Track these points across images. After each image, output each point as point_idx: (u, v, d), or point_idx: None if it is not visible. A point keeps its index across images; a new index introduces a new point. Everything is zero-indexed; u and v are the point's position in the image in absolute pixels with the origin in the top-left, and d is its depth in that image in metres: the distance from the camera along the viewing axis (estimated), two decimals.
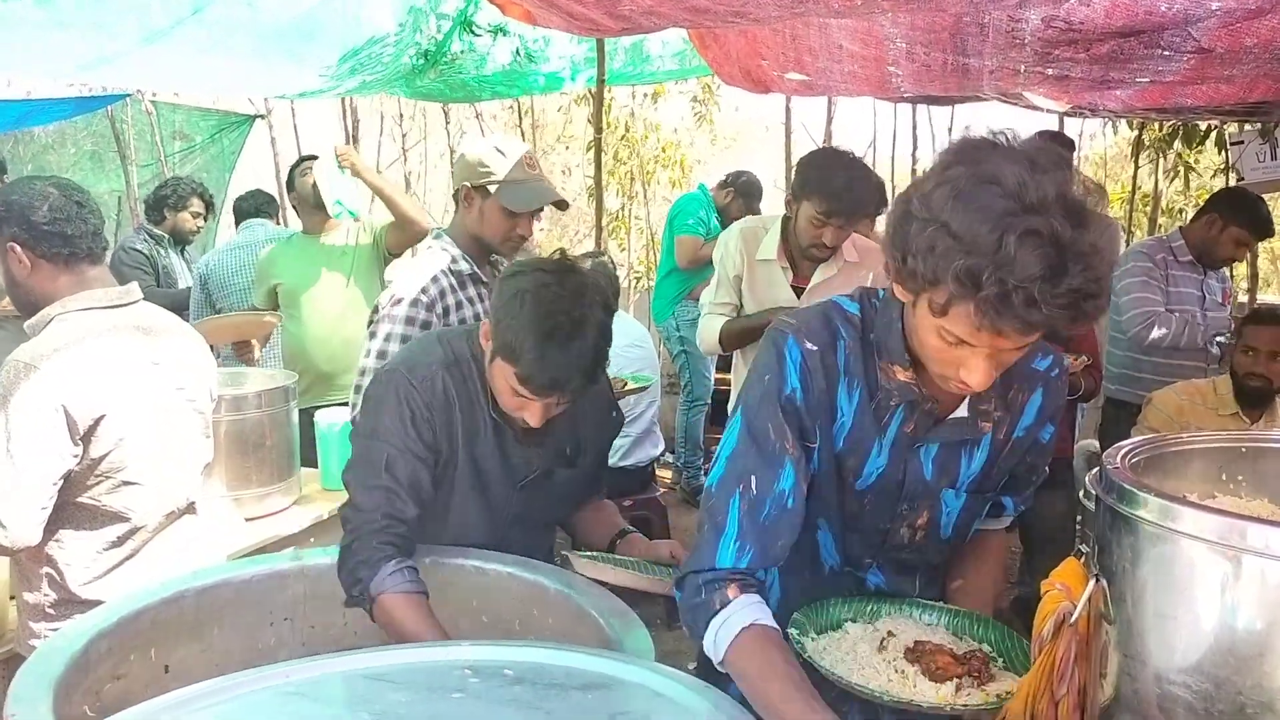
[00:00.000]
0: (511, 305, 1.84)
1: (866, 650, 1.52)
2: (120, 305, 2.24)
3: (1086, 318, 1.26)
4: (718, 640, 1.44)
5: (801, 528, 1.57)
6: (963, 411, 1.57)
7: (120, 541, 2.23)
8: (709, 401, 6.13)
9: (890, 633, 1.56)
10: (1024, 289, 1.20)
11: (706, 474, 2.57)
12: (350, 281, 4.22)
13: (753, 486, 1.50)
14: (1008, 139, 1.32)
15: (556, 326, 1.81)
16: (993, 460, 1.63)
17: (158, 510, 2.27)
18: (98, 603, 1.96)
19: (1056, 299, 1.21)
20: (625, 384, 4.06)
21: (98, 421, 2.10)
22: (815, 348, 1.54)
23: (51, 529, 2.13)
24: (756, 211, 5.83)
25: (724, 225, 4.51)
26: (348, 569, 1.82)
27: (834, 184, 3.07)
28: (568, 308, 1.83)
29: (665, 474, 6.33)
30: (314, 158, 4.37)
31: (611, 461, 4.46)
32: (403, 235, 4.22)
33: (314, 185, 4.15)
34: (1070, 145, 4.48)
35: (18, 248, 2.16)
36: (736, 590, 1.47)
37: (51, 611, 2.18)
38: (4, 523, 2.01)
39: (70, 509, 2.15)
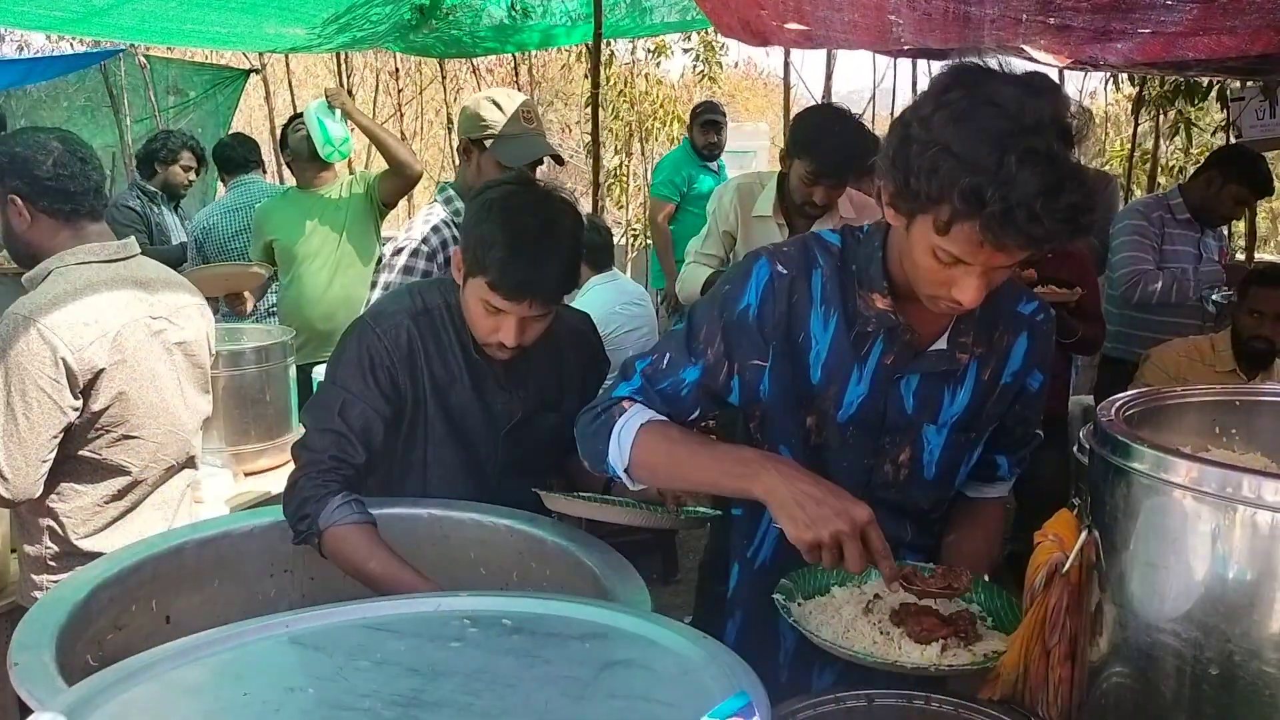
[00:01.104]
0: (479, 216, 1.87)
1: (852, 613, 1.52)
2: (118, 259, 2.24)
3: (1083, 232, 1.31)
4: (621, 445, 1.56)
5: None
6: (942, 344, 1.59)
7: (120, 494, 2.25)
8: None
9: (877, 595, 1.56)
10: (1026, 205, 1.25)
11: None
12: (344, 237, 4.21)
13: (663, 361, 1.63)
14: (1001, 64, 1.36)
15: (524, 229, 1.83)
16: (978, 400, 1.64)
17: (157, 464, 2.28)
18: (98, 555, 1.97)
19: (1056, 213, 1.26)
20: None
21: (97, 375, 2.10)
22: (785, 272, 1.59)
23: (52, 482, 2.14)
24: None
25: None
26: (294, 505, 1.84)
27: (823, 145, 3.08)
28: (535, 211, 1.86)
29: None
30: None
31: None
32: (396, 181, 4.20)
33: (307, 137, 4.12)
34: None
35: (19, 200, 2.16)
36: (630, 403, 1.61)
37: (53, 564, 2.21)
38: (5, 475, 2.03)
39: (71, 462, 2.16)
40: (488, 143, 2.64)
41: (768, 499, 1.44)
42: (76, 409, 2.10)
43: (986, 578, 1.64)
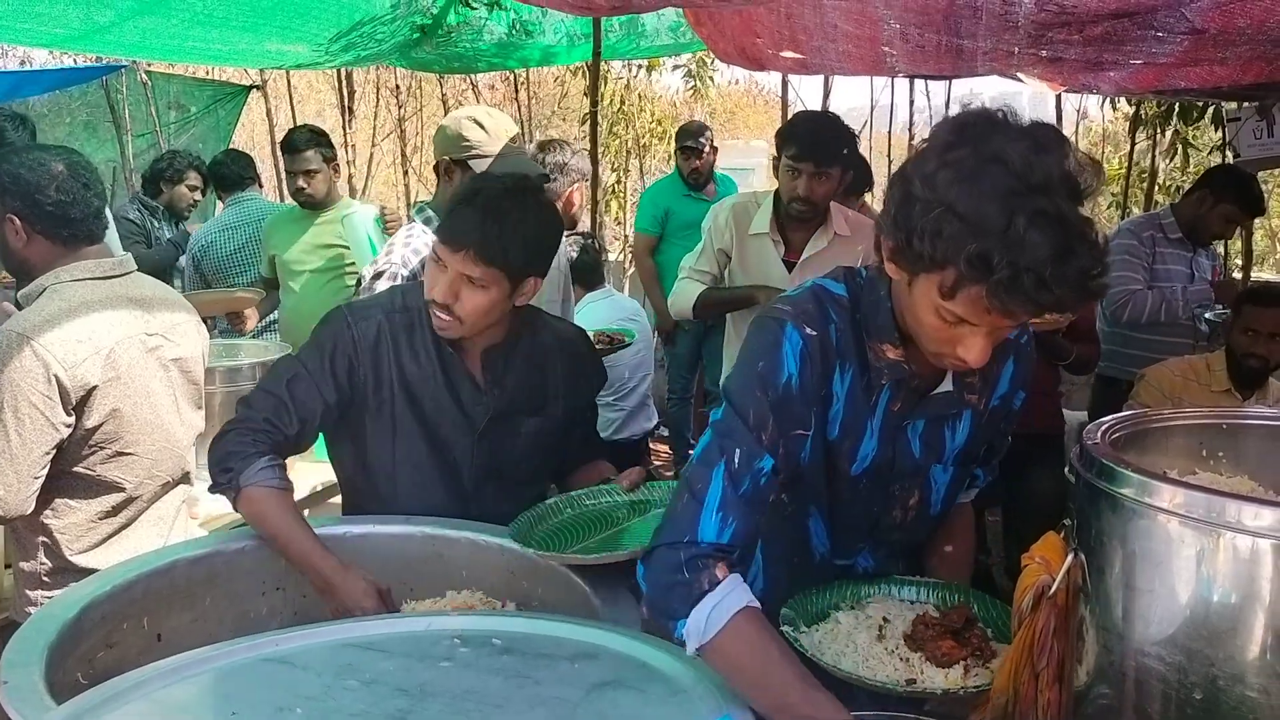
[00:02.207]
0: (454, 200, 1.98)
1: (865, 640, 1.51)
2: (114, 276, 2.25)
3: (1093, 296, 1.27)
4: (708, 623, 1.33)
5: (794, 517, 1.60)
6: (947, 385, 1.57)
7: (115, 511, 2.25)
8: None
9: (885, 619, 1.55)
10: (1034, 271, 1.20)
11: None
12: (341, 255, 4.23)
13: (735, 460, 1.44)
14: (1006, 115, 1.31)
15: (483, 190, 1.94)
16: (977, 432, 1.64)
17: (152, 480, 2.29)
18: (93, 571, 1.98)
19: (1066, 279, 1.21)
20: (607, 338, 3.81)
21: (90, 392, 2.11)
22: (814, 333, 1.51)
23: (47, 498, 2.15)
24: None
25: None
26: (219, 455, 1.91)
27: (798, 129, 3.20)
28: (503, 183, 1.98)
29: (661, 447, 6.34)
30: (311, 128, 4.37)
31: (605, 435, 4.47)
32: None
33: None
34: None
35: (17, 220, 2.16)
36: (725, 570, 1.37)
37: (48, 580, 2.21)
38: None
39: (66, 479, 2.16)
40: (472, 162, 2.67)
41: None
42: (69, 425, 2.10)
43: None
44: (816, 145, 3.12)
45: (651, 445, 5.68)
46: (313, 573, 1.82)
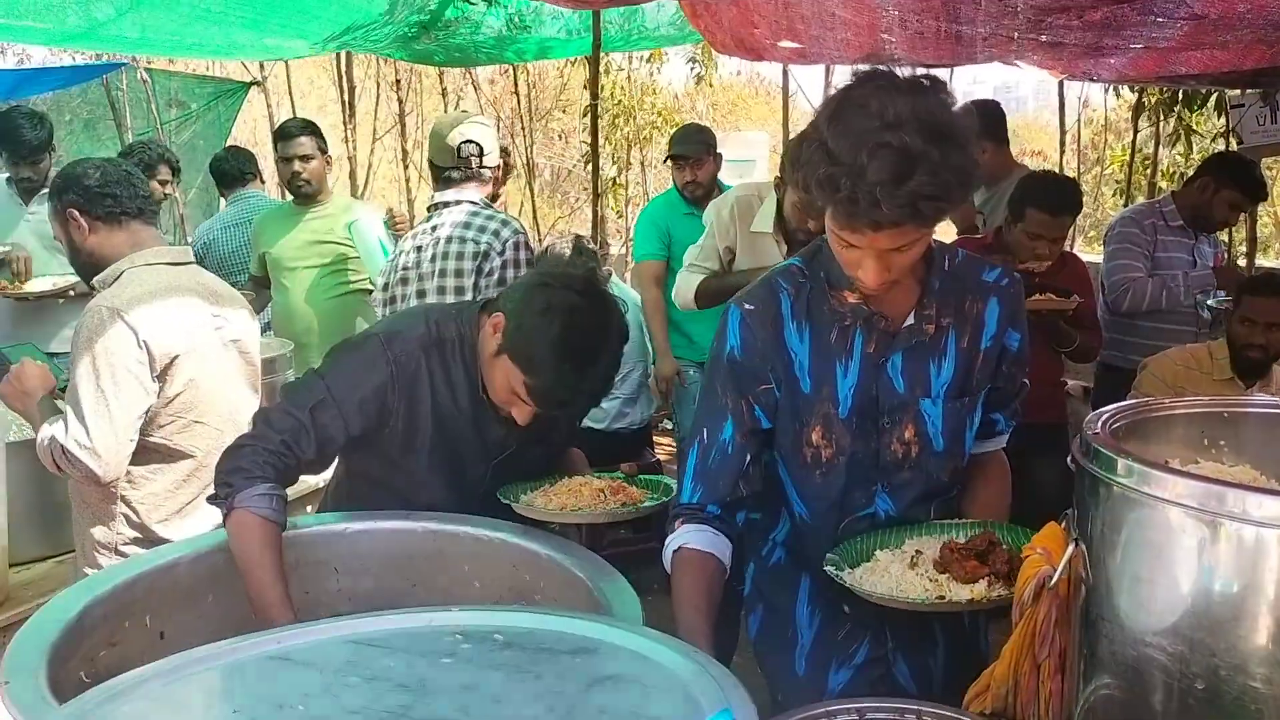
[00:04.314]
0: (537, 319, 1.87)
1: (899, 569, 1.62)
2: (180, 264, 2.48)
3: (927, 217, 1.46)
4: (668, 563, 1.72)
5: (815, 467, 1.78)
6: (910, 320, 1.72)
7: (187, 480, 2.43)
8: None
9: (918, 551, 1.66)
10: (869, 192, 1.41)
11: None
12: (330, 251, 4.23)
13: (704, 436, 1.77)
14: (888, 70, 1.52)
15: (578, 350, 1.87)
16: (964, 367, 1.75)
17: (218, 451, 2.35)
18: (168, 541, 2.25)
19: (896, 199, 1.41)
20: None
21: (173, 361, 2.33)
22: (753, 307, 1.76)
23: (127, 469, 2.33)
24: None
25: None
26: (228, 467, 1.87)
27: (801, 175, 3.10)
28: (592, 332, 1.90)
29: (664, 440, 6.34)
30: (306, 121, 4.38)
31: (603, 425, 4.47)
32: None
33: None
34: (1000, 114, 4.37)
35: (75, 212, 2.40)
36: (682, 522, 1.75)
37: (124, 549, 2.38)
38: (100, 454, 2.20)
39: (143, 450, 2.35)
40: None
41: None
42: (156, 392, 2.31)
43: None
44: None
45: (655, 438, 5.67)
46: (264, 618, 1.72)
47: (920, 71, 1.51)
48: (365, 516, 2.02)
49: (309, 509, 3.12)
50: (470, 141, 2.99)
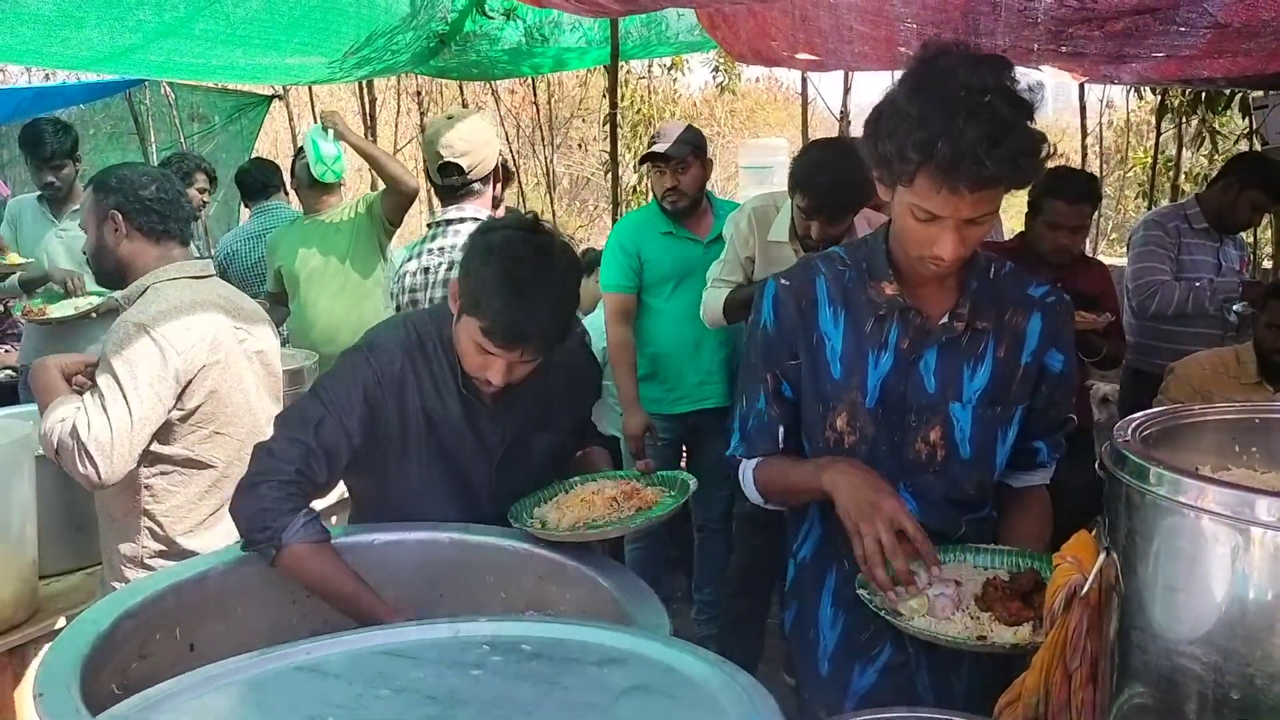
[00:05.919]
0: (479, 259, 1.90)
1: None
2: (204, 277, 2.51)
3: (1025, 173, 1.52)
4: (750, 489, 1.91)
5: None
6: (945, 319, 1.75)
7: (210, 491, 2.43)
8: None
9: (957, 582, 1.63)
10: (969, 153, 1.46)
11: None
12: (345, 261, 4.26)
13: (744, 401, 1.91)
14: (959, 45, 1.60)
15: (522, 279, 1.86)
16: (1000, 377, 1.76)
17: (240, 462, 2.38)
18: (194, 553, 2.27)
19: (996, 156, 1.46)
20: None
21: (197, 373, 2.34)
22: (789, 283, 1.83)
23: (147, 484, 2.37)
24: None
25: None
26: (253, 512, 1.84)
27: (816, 182, 3.07)
28: (534, 262, 1.88)
29: None
30: None
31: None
32: (395, 199, 4.26)
33: (307, 163, 4.22)
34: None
35: (119, 215, 2.41)
36: (737, 460, 1.94)
37: (150, 563, 2.38)
38: (112, 460, 2.20)
39: (164, 462, 2.37)
40: None
41: (830, 490, 1.67)
42: (172, 408, 2.31)
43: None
44: (831, 203, 3.07)
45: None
46: (364, 616, 1.78)
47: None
48: (390, 528, 2.02)
49: (333, 519, 3.14)
50: (449, 164, 2.86)
